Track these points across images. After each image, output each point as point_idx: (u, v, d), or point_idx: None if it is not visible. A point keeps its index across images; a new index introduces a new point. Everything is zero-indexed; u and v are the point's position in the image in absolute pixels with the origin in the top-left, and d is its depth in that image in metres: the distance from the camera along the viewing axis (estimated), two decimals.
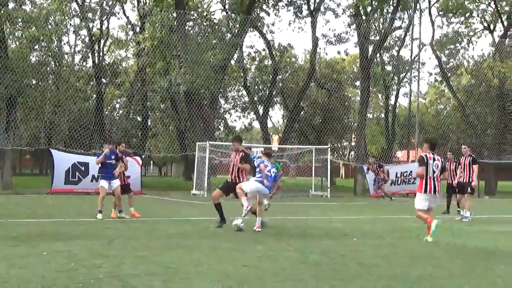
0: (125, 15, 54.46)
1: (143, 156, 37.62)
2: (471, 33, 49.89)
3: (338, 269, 9.45)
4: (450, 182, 22.13)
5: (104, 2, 44.45)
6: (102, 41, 46.98)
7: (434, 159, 13.35)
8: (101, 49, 47.10)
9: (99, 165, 17.30)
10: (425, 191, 13.29)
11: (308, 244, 12.30)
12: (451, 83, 49.67)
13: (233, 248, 11.42)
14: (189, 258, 10.10)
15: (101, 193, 16.88)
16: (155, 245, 11.57)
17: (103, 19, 45.64)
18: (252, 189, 14.50)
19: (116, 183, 17.19)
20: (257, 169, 14.75)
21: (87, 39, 44.89)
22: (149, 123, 47.15)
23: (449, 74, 49.18)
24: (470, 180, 19.80)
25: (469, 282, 8.65)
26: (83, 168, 29.37)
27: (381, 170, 32.59)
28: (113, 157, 17.25)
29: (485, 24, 49.46)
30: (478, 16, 48.78)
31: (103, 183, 16.98)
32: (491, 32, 49.26)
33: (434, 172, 13.27)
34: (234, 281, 8.25)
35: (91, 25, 44.57)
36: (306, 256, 10.67)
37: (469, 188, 19.83)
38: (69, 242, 11.57)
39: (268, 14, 44.59)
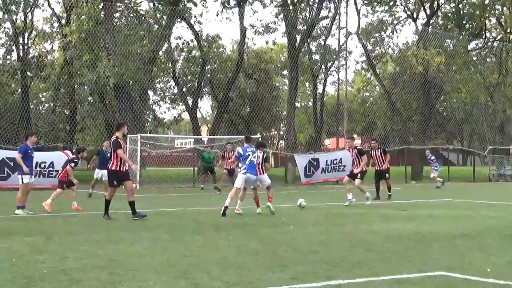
0: (50, 7, 53.37)
1: (73, 150, 37.13)
2: (395, 22, 50.96)
3: (277, 256, 9.66)
4: (378, 168, 23.14)
5: None
6: (27, 34, 46.04)
7: (254, 152, 16.55)
8: (26, 42, 46.17)
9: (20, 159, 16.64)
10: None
11: (246, 233, 12.52)
12: (377, 71, 50.66)
13: (173, 240, 11.54)
14: (131, 250, 10.20)
15: (25, 188, 16.71)
16: (96, 239, 11.59)
17: (27, 11, 44.74)
18: (240, 183, 16.61)
19: (32, 178, 17.02)
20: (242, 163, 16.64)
21: (10, 32, 43.94)
22: (77, 117, 46.34)
23: (375, 62, 50.12)
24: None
25: (405, 264, 8.96)
26: (12, 164, 28.72)
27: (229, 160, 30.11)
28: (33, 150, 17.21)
29: (409, 13, 50.58)
30: (401, 4, 49.90)
31: (27, 178, 16.68)
32: (415, 20, 50.40)
33: (256, 161, 16.51)
34: (178, 270, 8.38)
35: (14, 17, 43.61)
36: (246, 244, 10.87)
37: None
38: (6, 238, 11.48)
39: (196, 5, 44.33)
